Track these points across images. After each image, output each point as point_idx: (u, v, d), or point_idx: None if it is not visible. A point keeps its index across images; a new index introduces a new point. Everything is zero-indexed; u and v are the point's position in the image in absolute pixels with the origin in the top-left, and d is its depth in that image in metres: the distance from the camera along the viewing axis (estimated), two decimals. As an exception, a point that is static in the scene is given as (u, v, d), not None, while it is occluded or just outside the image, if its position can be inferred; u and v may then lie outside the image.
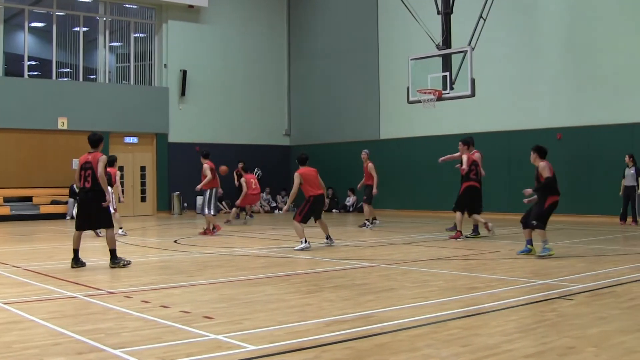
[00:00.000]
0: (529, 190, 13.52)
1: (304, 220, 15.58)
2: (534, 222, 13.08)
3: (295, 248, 15.11)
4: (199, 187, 20.08)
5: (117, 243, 12.73)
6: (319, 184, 16.06)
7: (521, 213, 17.69)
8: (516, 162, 25.98)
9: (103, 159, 12.29)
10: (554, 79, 25.48)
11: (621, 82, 23.76)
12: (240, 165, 26.39)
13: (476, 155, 17.77)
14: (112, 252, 12.34)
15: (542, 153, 13.58)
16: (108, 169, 17.52)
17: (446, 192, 22.06)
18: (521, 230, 15.43)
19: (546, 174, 13.22)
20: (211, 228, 19.78)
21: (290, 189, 33.77)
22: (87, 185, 12.28)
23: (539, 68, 25.92)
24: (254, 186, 25.03)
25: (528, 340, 6.52)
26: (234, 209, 25.67)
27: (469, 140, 17.81)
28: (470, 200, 17.42)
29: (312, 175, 16.04)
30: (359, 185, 22.23)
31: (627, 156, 22.04)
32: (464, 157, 17.43)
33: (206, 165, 19.88)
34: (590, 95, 24.47)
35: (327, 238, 16.09)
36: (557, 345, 6.31)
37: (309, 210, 15.68)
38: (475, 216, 17.48)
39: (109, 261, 12.35)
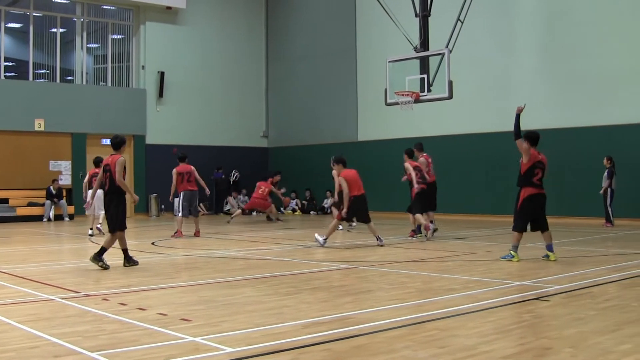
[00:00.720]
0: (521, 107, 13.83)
1: (344, 218, 16.33)
2: (513, 225, 13.00)
3: (316, 235, 16.34)
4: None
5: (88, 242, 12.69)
6: (360, 185, 16.40)
7: (501, 215, 17.80)
8: (494, 164, 26.12)
9: (120, 161, 12.52)
10: (531, 81, 25.62)
11: (598, 84, 23.92)
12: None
13: (420, 160, 18.45)
14: (102, 250, 12.42)
15: (531, 140, 13.39)
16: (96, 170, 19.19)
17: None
18: (497, 233, 15.59)
19: (524, 160, 13.16)
20: (178, 229, 19.97)
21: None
22: (106, 187, 12.58)
23: (516, 70, 26.06)
24: (259, 191, 26.11)
25: (505, 341, 6.55)
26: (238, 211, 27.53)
27: (408, 151, 18.56)
28: (423, 200, 18.11)
29: (354, 176, 16.37)
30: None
31: (605, 158, 22.21)
32: (406, 165, 18.11)
33: (174, 170, 20.27)
34: (568, 97, 24.62)
35: (377, 239, 16.30)
36: (534, 346, 6.35)
37: (349, 210, 16.13)
38: (418, 216, 17.95)
39: (91, 257, 12.43)
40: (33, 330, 7.12)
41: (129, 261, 12.63)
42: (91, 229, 20.26)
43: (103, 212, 16.06)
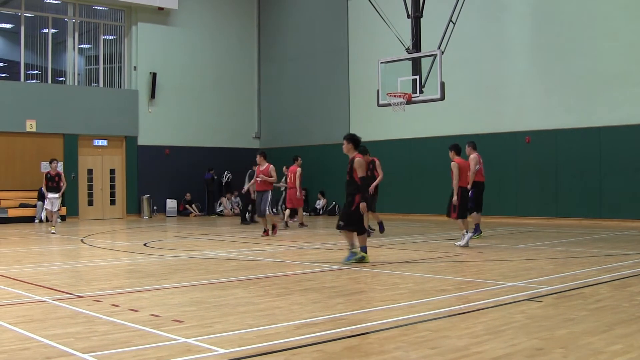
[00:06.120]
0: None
1: (460, 215, 15.93)
2: (341, 223, 12.87)
3: (458, 243, 15.82)
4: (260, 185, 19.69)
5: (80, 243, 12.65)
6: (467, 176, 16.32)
7: (493, 216, 17.82)
8: (485, 165, 26.10)
9: None
10: (522, 82, 25.66)
11: (588, 86, 23.95)
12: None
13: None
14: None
15: (356, 143, 13.30)
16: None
17: (415, 195, 22.13)
18: (489, 234, 15.63)
19: (361, 173, 12.78)
20: (271, 228, 19.80)
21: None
22: None
23: (507, 72, 26.08)
24: (288, 180, 23.94)
25: (497, 342, 6.56)
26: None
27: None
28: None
29: (465, 166, 16.20)
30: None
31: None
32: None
33: (272, 166, 19.75)
34: (558, 99, 24.66)
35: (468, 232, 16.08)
36: (525, 347, 6.36)
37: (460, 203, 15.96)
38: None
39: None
40: (25, 332, 7.11)
41: None
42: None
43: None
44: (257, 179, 19.61)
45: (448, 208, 16.04)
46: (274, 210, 19.81)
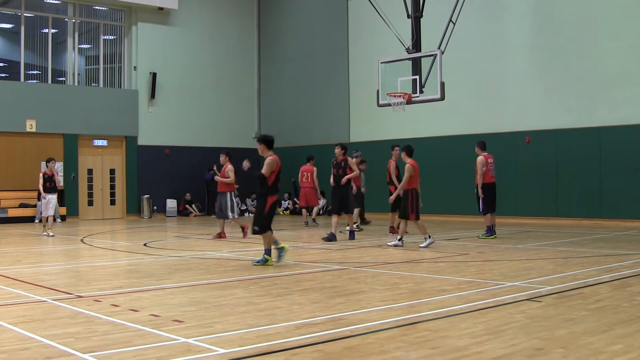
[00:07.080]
0: (246, 164, 13.83)
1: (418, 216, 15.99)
2: (256, 228, 12.72)
3: (421, 245, 15.80)
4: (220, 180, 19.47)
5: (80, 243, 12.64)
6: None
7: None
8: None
9: None
10: (522, 82, 25.65)
11: (588, 86, 23.94)
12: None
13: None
14: None
15: (268, 144, 13.48)
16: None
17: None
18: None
19: (265, 169, 12.88)
20: (241, 230, 19.51)
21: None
22: None
23: (507, 72, 26.07)
24: (304, 180, 23.82)
25: (497, 342, 6.56)
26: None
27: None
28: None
29: (417, 169, 16.12)
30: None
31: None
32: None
33: (230, 167, 19.32)
34: (558, 99, 24.66)
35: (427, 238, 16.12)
36: (526, 347, 6.36)
37: (417, 204, 16.00)
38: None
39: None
40: (25, 332, 7.11)
41: None
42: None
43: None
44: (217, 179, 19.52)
45: (405, 210, 16.03)
46: (236, 212, 19.40)
